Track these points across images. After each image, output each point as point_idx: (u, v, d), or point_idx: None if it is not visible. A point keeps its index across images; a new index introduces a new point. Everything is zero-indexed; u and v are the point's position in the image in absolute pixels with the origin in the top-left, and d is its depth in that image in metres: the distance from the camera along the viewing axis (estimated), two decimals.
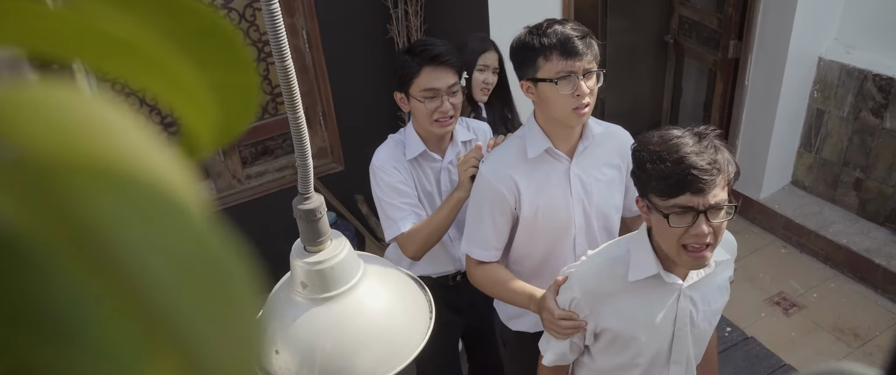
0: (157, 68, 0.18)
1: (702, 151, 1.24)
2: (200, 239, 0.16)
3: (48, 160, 0.14)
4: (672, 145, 1.26)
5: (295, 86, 0.63)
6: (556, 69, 1.52)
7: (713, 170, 1.23)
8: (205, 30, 0.20)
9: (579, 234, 1.74)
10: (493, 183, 1.64)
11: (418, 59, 1.75)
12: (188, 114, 0.21)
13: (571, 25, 1.56)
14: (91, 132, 0.15)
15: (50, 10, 0.16)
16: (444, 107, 1.77)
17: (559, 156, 1.65)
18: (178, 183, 0.16)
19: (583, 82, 1.52)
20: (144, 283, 0.14)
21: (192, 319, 0.15)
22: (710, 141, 1.28)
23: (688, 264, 1.32)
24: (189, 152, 0.22)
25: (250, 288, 0.17)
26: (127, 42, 0.17)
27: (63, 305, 0.14)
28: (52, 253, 0.14)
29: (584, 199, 1.70)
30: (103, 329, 0.14)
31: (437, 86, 1.75)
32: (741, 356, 2.85)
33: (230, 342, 0.16)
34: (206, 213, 0.17)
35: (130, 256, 0.14)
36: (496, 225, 1.68)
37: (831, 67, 3.26)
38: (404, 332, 0.72)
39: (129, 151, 0.15)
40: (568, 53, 1.51)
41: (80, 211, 0.14)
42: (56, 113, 0.15)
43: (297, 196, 0.71)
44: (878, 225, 3.29)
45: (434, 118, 1.78)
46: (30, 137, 0.14)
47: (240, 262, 0.17)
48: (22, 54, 0.20)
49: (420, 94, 1.76)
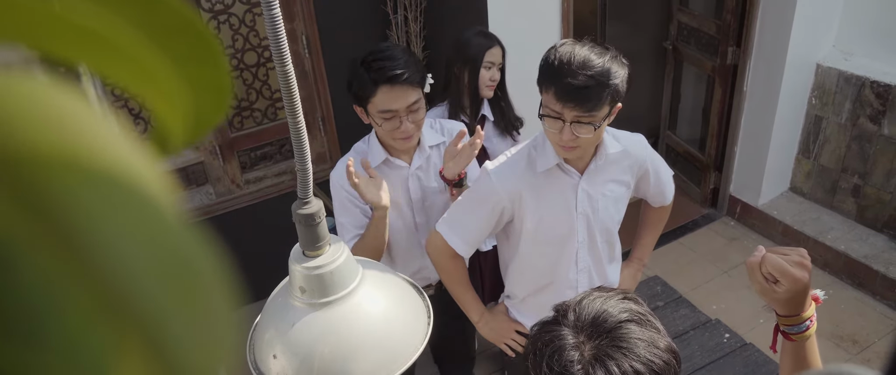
0: (128, 60, 0.18)
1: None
2: (173, 236, 0.16)
3: (19, 154, 0.14)
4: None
5: (295, 91, 0.63)
6: (549, 107, 1.47)
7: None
8: (177, 25, 0.20)
9: (582, 248, 1.74)
10: (498, 188, 1.62)
11: (374, 76, 1.59)
12: (160, 108, 0.21)
13: (598, 66, 1.42)
14: (62, 126, 0.15)
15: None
16: (404, 127, 1.65)
17: (570, 171, 1.63)
18: (150, 178, 0.16)
19: (569, 128, 1.45)
20: (116, 280, 0.14)
21: (164, 317, 0.15)
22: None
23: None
24: (162, 147, 0.22)
25: (223, 286, 0.17)
26: (97, 33, 0.17)
27: (33, 303, 0.13)
28: (21, 250, 0.13)
29: (589, 214, 1.69)
30: (74, 328, 0.14)
31: (395, 107, 1.61)
32: (740, 362, 2.85)
33: (202, 340, 0.16)
34: (178, 210, 0.17)
35: (102, 252, 0.14)
36: (483, 225, 1.69)
37: (829, 74, 3.27)
38: (402, 337, 0.72)
39: (101, 146, 0.15)
40: (563, 98, 1.43)
41: (52, 206, 0.14)
42: (26, 106, 0.15)
43: (297, 200, 0.71)
44: (876, 231, 3.30)
45: (394, 136, 1.68)
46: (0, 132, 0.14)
47: (213, 260, 0.17)
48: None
49: (378, 116, 1.63)
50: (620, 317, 0.98)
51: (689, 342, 2.96)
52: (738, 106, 3.52)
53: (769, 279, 1.04)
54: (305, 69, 3.02)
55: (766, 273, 1.04)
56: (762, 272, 1.05)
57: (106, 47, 0.17)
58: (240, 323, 0.20)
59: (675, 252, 3.54)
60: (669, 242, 3.61)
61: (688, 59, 3.82)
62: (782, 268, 1.01)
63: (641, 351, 0.94)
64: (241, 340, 0.78)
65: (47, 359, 0.13)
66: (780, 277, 1.02)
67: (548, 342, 0.99)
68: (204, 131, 0.23)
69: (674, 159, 4.09)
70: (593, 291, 1.05)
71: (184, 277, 0.16)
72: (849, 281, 3.23)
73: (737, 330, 2.99)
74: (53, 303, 0.14)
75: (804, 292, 1.03)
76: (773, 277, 1.03)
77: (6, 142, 0.14)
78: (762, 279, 1.05)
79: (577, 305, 1.01)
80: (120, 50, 0.18)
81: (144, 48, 0.19)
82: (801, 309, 1.05)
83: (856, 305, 3.11)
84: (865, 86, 3.12)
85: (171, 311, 0.15)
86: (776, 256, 1.03)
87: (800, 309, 1.05)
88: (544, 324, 1.03)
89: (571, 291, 1.82)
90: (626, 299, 1.02)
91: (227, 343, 0.17)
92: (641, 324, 0.97)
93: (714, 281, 3.32)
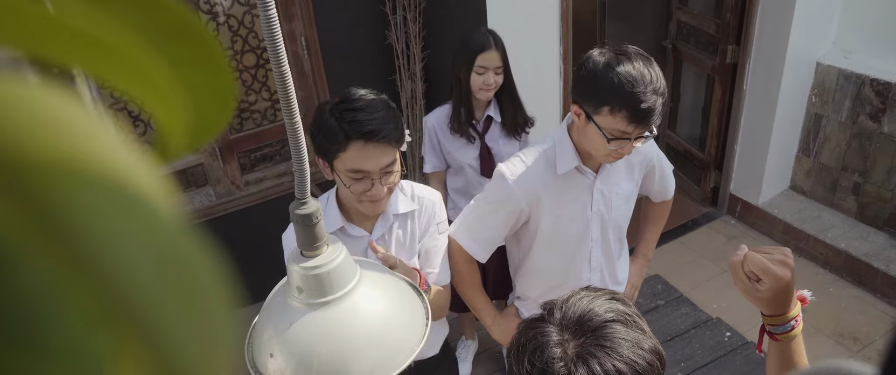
0: (126, 64, 0.18)
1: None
2: (172, 239, 0.16)
3: (17, 158, 0.14)
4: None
5: (292, 91, 0.63)
6: (618, 128, 1.43)
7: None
8: (179, 29, 0.19)
9: (595, 247, 1.76)
10: (516, 191, 1.61)
11: (346, 129, 1.33)
12: (161, 113, 0.20)
13: (656, 81, 1.40)
14: (60, 129, 0.15)
15: (16, 1, 0.16)
16: (375, 190, 1.39)
17: (586, 172, 1.64)
18: (148, 181, 0.16)
19: (633, 143, 1.46)
20: (116, 283, 0.14)
21: (164, 319, 0.15)
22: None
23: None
24: (163, 153, 0.22)
25: (221, 287, 0.17)
26: (93, 36, 0.17)
27: (33, 306, 0.13)
28: (21, 253, 0.13)
29: (604, 213, 1.70)
30: (74, 331, 0.14)
31: (367, 168, 1.36)
32: (741, 360, 2.85)
33: (202, 343, 0.16)
34: (177, 212, 0.17)
35: (102, 255, 0.14)
36: (500, 229, 1.68)
37: (829, 72, 3.27)
38: (400, 337, 0.72)
39: (99, 149, 0.15)
40: (636, 120, 1.40)
41: (51, 209, 0.14)
42: (24, 109, 0.15)
43: (294, 200, 0.71)
44: (876, 229, 3.29)
45: (361, 199, 1.42)
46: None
47: (211, 262, 0.17)
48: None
49: (346, 174, 1.38)
50: (606, 317, 0.97)
51: (690, 340, 2.96)
52: (737, 104, 3.52)
53: (751, 278, 1.04)
54: (304, 70, 3.02)
55: (749, 271, 1.04)
56: (744, 270, 1.04)
57: (102, 50, 0.17)
58: (240, 325, 0.20)
59: (675, 251, 3.53)
60: (670, 241, 3.60)
61: (687, 58, 3.82)
62: (764, 267, 1.01)
63: (625, 351, 0.93)
64: (239, 340, 0.78)
65: (47, 362, 0.13)
66: (762, 275, 1.01)
67: (531, 338, 0.98)
68: (207, 136, 0.23)
69: (674, 158, 4.08)
70: (581, 290, 1.05)
71: (183, 279, 0.16)
72: (849, 279, 3.23)
73: (738, 329, 2.99)
74: (53, 306, 0.14)
75: (787, 291, 1.03)
76: (755, 276, 1.03)
77: (5, 146, 0.14)
78: (745, 278, 1.04)
79: (564, 303, 1.01)
80: (117, 53, 0.18)
81: (142, 51, 0.18)
82: (785, 309, 1.04)
83: (856, 303, 3.11)
84: (865, 84, 3.12)
85: (171, 314, 0.15)
86: (758, 255, 1.03)
87: (784, 308, 1.04)
88: (530, 321, 1.03)
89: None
90: (613, 299, 1.02)
91: (227, 345, 0.17)
92: (627, 325, 0.97)
93: (715, 280, 3.32)
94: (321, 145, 1.38)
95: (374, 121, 1.32)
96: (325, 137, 1.36)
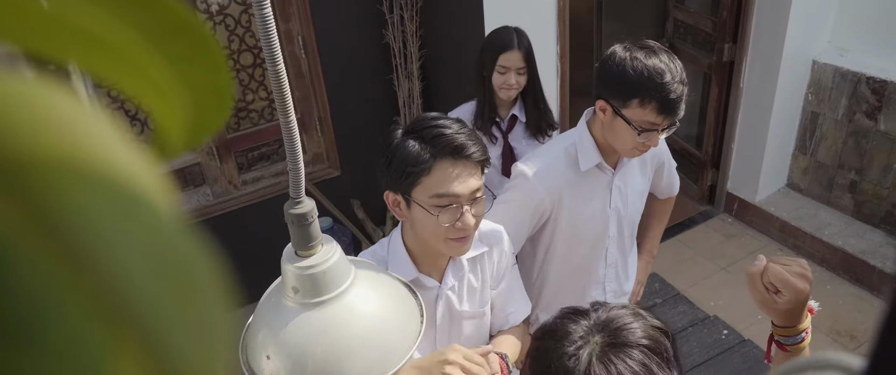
0: (123, 61, 0.18)
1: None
2: (170, 238, 0.16)
3: (16, 157, 0.14)
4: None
5: (286, 90, 0.63)
6: (647, 120, 1.45)
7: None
8: (177, 27, 0.19)
9: (612, 244, 1.77)
10: (540, 189, 1.61)
11: (431, 146, 1.19)
12: (159, 111, 0.20)
13: (680, 72, 1.44)
14: (58, 128, 0.15)
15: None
16: (465, 219, 1.23)
17: (606, 169, 1.65)
18: (146, 180, 0.16)
19: (661, 133, 1.49)
20: (113, 282, 0.14)
21: (162, 319, 0.15)
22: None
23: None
24: (161, 151, 0.22)
25: (219, 286, 0.17)
26: (90, 32, 0.17)
27: (31, 305, 0.13)
28: (19, 252, 0.13)
29: (621, 209, 1.72)
30: (72, 330, 0.14)
31: (456, 190, 1.20)
32: (739, 358, 2.85)
33: (199, 342, 0.16)
34: (174, 212, 0.17)
35: (99, 255, 0.14)
36: (525, 228, 1.67)
37: (825, 70, 3.28)
38: (395, 337, 0.72)
39: (97, 147, 0.15)
40: (665, 111, 1.44)
41: (49, 209, 0.14)
42: (21, 108, 0.15)
43: (289, 200, 0.71)
44: (873, 227, 3.30)
45: (447, 236, 1.24)
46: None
47: (208, 261, 0.17)
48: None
49: (430, 202, 1.21)
50: (638, 335, 0.92)
51: (687, 338, 2.96)
52: (734, 103, 3.52)
53: (770, 289, 1.02)
54: (302, 70, 3.02)
55: (768, 283, 1.02)
56: (764, 282, 1.03)
57: (100, 47, 0.17)
58: (237, 325, 0.20)
59: (673, 249, 3.54)
60: (667, 239, 3.61)
61: (684, 57, 3.82)
62: (784, 279, 1.00)
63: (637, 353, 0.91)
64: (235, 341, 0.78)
65: (45, 361, 0.13)
66: (782, 288, 1.00)
67: (557, 327, 0.96)
68: (205, 134, 0.23)
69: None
70: (626, 306, 0.99)
71: (181, 279, 0.16)
72: (846, 277, 3.24)
73: (735, 327, 3.00)
74: (51, 306, 0.14)
75: (804, 304, 1.02)
76: (774, 288, 1.02)
77: (2, 144, 0.14)
78: (763, 289, 1.03)
79: (604, 311, 0.97)
80: (115, 50, 0.18)
81: (141, 48, 0.18)
82: (798, 321, 1.04)
83: (853, 300, 3.12)
84: (861, 82, 3.13)
85: (169, 313, 0.15)
86: (778, 267, 1.02)
87: (797, 320, 1.04)
88: (563, 314, 0.99)
89: (599, 286, 1.84)
90: (656, 328, 0.95)
91: (224, 344, 0.17)
92: (655, 352, 0.91)
93: (712, 278, 3.32)
94: (397, 173, 1.21)
95: (461, 135, 1.20)
96: (403, 161, 1.20)
